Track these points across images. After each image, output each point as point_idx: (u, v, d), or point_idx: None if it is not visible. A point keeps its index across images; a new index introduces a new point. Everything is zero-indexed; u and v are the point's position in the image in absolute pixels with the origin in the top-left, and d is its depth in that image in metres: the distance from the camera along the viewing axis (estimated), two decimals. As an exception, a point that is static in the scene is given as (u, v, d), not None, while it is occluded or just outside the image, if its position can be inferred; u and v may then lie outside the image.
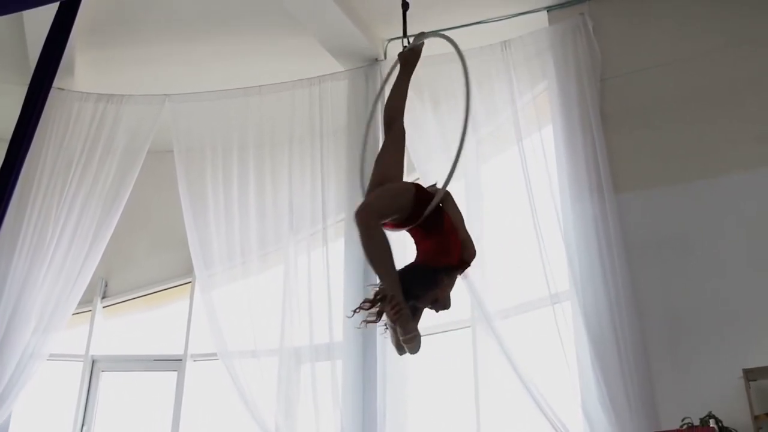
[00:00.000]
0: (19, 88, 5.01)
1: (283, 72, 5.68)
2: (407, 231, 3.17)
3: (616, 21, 4.92)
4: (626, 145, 4.61)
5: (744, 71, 4.48)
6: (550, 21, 5.09)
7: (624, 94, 4.73)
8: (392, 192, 3.15)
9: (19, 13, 4.81)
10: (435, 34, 3.66)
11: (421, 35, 3.67)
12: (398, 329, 2.86)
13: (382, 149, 3.48)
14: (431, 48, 3.91)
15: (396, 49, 5.25)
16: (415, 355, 2.95)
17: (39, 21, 4.77)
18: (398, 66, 3.70)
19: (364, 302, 2.86)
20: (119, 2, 5.17)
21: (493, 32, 5.16)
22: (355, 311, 2.89)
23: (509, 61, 5.04)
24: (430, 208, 3.05)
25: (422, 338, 2.92)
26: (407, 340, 2.85)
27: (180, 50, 5.69)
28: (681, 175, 4.41)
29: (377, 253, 2.86)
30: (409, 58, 3.67)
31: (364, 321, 2.87)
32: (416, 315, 2.97)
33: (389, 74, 3.87)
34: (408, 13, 3.90)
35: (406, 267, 2.97)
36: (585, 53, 4.80)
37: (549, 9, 5.12)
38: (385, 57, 5.50)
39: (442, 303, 2.98)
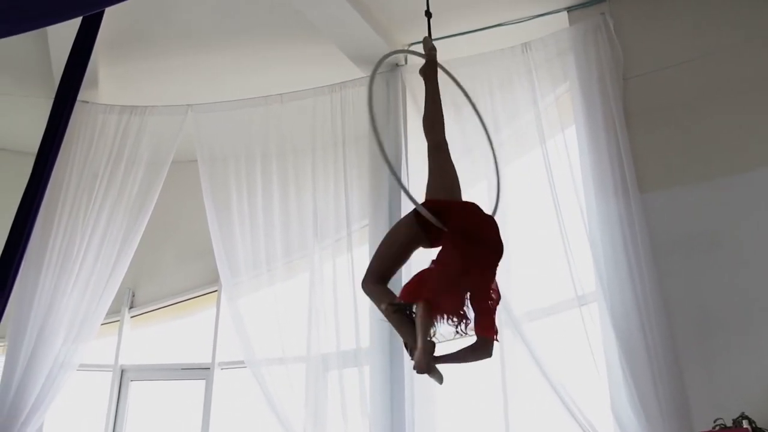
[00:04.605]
0: (45, 101, 5.10)
1: (304, 79, 5.70)
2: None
3: (636, 19, 4.88)
4: (651, 143, 4.57)
5: (767, 65, 4.43)
6: (571, 21, 5.06)
7: (647, 93, 4.68)
8: (383, 248, 3.34)
9: (43, 29, 4.87)
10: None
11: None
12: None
13: (431, 166, 3.54)
14: (450, 53, 3.92)
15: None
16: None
17: (62, 36, 4.85)
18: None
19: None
20: (139, 16, 5.22)
21: (514, 34, 5.15)
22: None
23: (530, 62, 5.01)
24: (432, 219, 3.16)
25: (446, 352, 3.10)
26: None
27: (201, 61, 5.74)
28: (706, 172, 4.36)
29: (386, 314, 3.13)
30: (427, 72, 3.74)
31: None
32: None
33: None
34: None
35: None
36: (606, 53, 4.77)
37: (569, 9, 5.08)
38: (406, 62, 5.50)
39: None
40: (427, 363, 2.94)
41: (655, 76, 4.69)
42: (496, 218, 3.36)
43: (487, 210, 3.37)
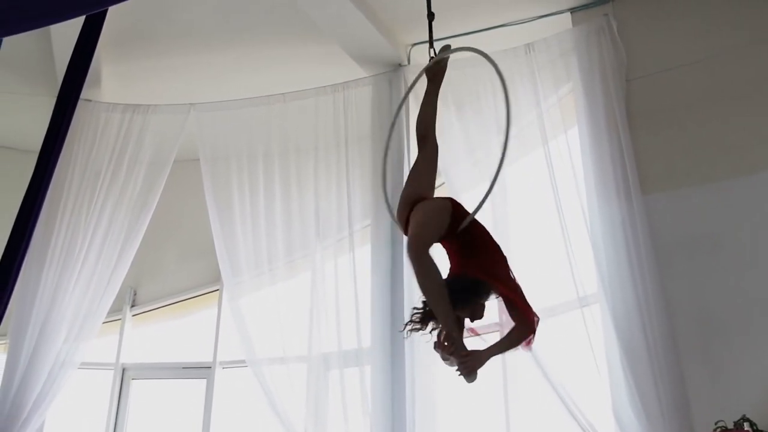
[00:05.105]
0: (47, 100, 5.09)
1: (307, 79, 5.69)
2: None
3: (640, 21, 4.87)
4: (653, 145, 4.56)
5: (771, 67, 4.42)
6: (574, 22, 5.05)
7: (650, 94, 4.68)
8: (434, 215, 3.16)
9: (46, 28, 4.87)
10: (462, 48, 3.63)
11: (446, 49, 3.66)
12: (457, 364, 3.02)
13: (413, 166, 3.48)
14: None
15: (419, 53, 5.27)
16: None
17: (65, 35, 4.84)
18: (423, 77, 3.68)
19: (411, 323, 3.01)
20: (142, 15, 5.22)
21: (517, 35, 5.14)
22: (406, 326, 3.02)
23: (533, 63, 5.00)
24: (464, 223, 3.12)
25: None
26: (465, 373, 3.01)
27: (203, 60, 5.74)
28: (709, 174, 4.35)
29: (434, 289, 2.91)
30: (435, 72, 3.65)
31: (408, 330, 3.01)
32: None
33: (412, 85, 3.87)
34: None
35: (452, 279, 3.04)
36: (610, 54, 4.76)
37: (572, 10, 5.08)
38: (409, 62, 5.50)
39: (477, 314, 3.07)
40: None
41: (659, 78, 4.68)
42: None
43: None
